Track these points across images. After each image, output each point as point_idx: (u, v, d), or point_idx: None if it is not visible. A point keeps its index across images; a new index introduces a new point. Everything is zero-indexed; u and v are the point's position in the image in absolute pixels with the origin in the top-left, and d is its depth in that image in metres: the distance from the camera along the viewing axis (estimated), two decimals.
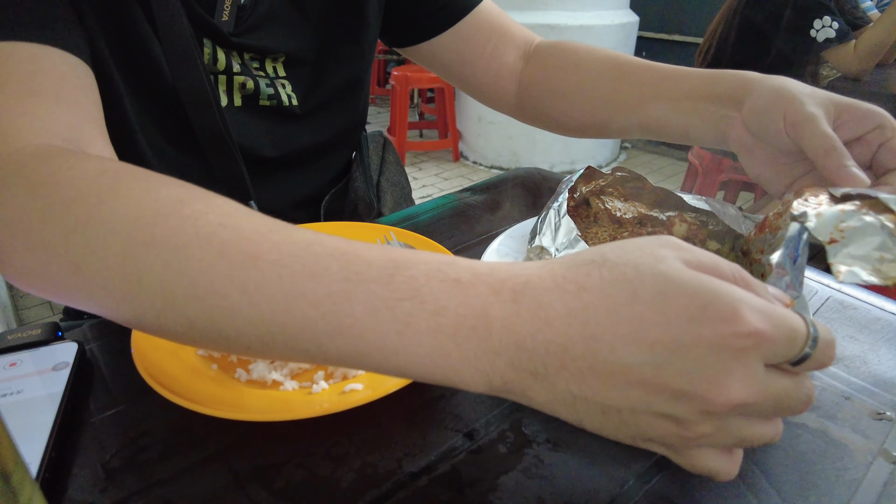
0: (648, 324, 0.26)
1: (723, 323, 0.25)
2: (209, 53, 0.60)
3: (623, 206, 0.61)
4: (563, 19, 3.07)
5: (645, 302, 0.26)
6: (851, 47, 1.78)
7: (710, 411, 0.26)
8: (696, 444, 0.28)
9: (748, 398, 0.25)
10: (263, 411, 0.40)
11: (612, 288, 0.27)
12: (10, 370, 0.44)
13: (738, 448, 0.29)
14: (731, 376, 0.25)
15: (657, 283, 0.26)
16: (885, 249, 0.41)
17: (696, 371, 0.25)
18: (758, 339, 0.25)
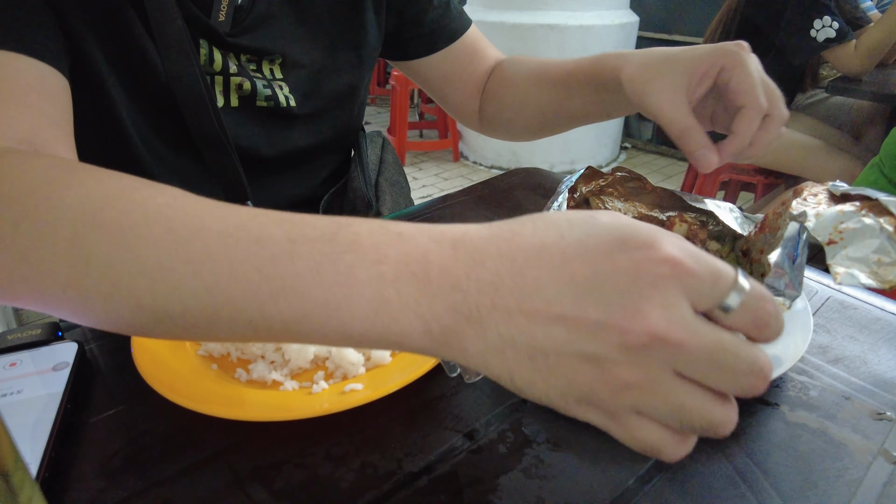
0: (571, 257, 0.26)
1: (639, 250, 0.25)
2: (205, 54, 0.60)
3: (623, 206, 0.61)
4: (563, 19, 3.07)
5: (570, 240, 0.27)
6: (852, 47, 1.78)
7: (629, 344, 0.25)
8: (626, 400, 0.26)
9: (669, 332, 0.24)
10: (263, 411, 0.40)
11: (543, 231, 0.28)
12: (11, 370, 0.44)
13: (685, 427, 0.27)
14: (648, 302, 0.25)
15: (584, 225, 0.27)
16: (883, 252, 0.41)
17: (613, 298, 0.25)
18: (675, 266, 0.25)
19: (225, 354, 0.47)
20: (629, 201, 0.62)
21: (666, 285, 0.25)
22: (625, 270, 0.25)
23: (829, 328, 0.52)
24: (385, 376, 0.43)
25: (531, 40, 3.11)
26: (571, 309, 0.26)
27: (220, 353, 0.47)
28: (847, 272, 0.40)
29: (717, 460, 0.38)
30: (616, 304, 0.25)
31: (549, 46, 3.11)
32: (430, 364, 0.43)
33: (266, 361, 0.45)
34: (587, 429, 0.40)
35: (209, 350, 0.47)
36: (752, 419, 0.41)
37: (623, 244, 0.26)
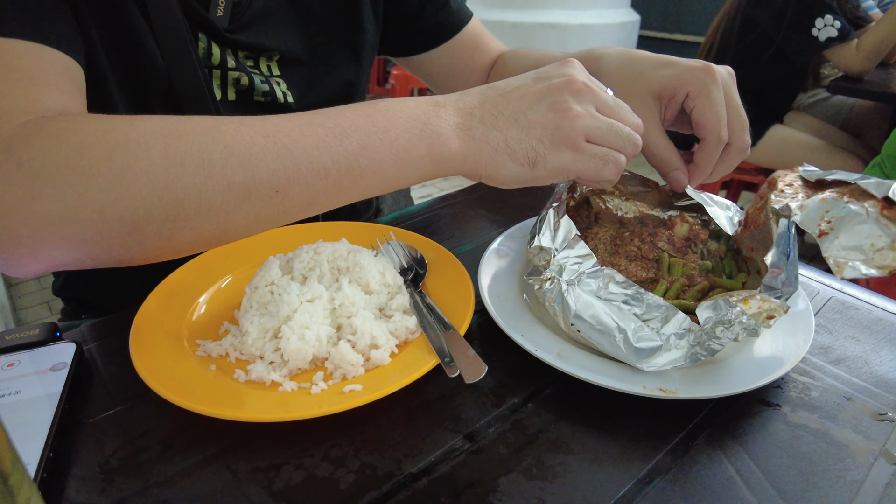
0: (530, 73, 0.47)
1: (566, 60, 0.48)
2: (203, 48, 0.60)
3: (625, 206, 0.61)
4: (564, 18, 3.07)
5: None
6: (853, 46, 1.77)
7: (572, 87, 0.44)
8: (580, 125, 0.43)
9: (591, 84, 0.46)
10: (262, 412, 0.40)
11: None
12: (9, 370, 0.43)
13: (619, 138, 0.45)
14: (573, 71, 0.46)
15: None
16: (875, 237, 0.41)
17: (556, 73, 0.46)
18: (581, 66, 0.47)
19: (224, 355, 0.46)
20: (630, 200, 0.62)
21: (579, 70, 0.47)
22: (559, 65, 0.47)
23: (830, 329, 0.52)
24: (384, 377, 0.43)
25: (532, 39, 3.10)
26: (532, 85, 0.45)
27: (218, 353, 0.46)
28: (848, 266, 0.41)
29: (718, 461, 0.38)
30: (558, 76, 0.45)
31: (550, 45, 3.10)
32: (429, 365, 0.43)
33: (265, 362, 0.45)
34: (588, 430, 0.40)
35: (208, 351, 0.47)
36: (753, 420, 0.41)
37: (553, 65, 0.47)
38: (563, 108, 0.43)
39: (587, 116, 0.43)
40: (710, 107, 0.51)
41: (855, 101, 2.09)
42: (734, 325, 0.40)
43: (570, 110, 0.43)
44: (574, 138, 0.43)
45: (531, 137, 0.43)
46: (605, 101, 0.45)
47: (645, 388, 0.41)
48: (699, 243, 0.55)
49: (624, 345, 0.41)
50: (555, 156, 0.43)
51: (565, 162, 0.44)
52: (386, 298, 0.51)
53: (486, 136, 0.43)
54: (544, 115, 0.43)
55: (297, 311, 0.46)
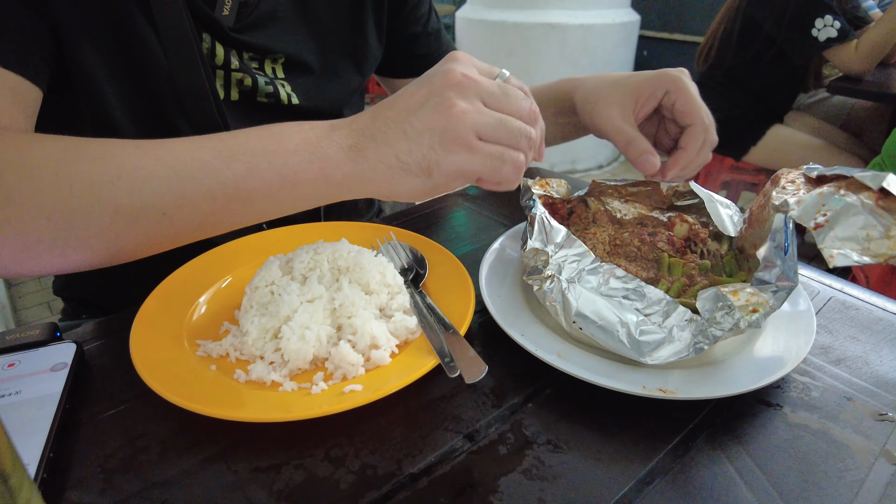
0: (413, 84, 0.45)
1: (447, 56, 0.45)
2: (207, 47, 0.60)
3: (623, 207, 0.61)
4: (564, 18, 3.07)
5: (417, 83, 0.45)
6: (853, 47, 1.77)
7: (451, 82, 0.42)
8: (468, 122, 0.41)
9: (471, 75, 0.42)
10: (262, 412, 0.40)
11: None
12: (9, 371, 0.43)
13: (511, 134, 0.43)
14: (452, 65, 0.43)
15: None
16: (870, 227, 0.41)
17: (436, 73, 0.43)
18: (465, 57, 0.45)
19: (224, 355, 0.46)
20: (629, 202, 0.62)
21: (462, 61, 0.44)
22: (439, 64, 0.45)
23: (831, 329, 0.52)
24: (384, 377, 0.43)
25: (532, 39, 3.10)
26: (415, 91, 0.43)
27: (218, 353, 0.46)
28: (840, 253, 0.41)
29: (718, 461, 0.38)
30: (437, 74, 0.43)
31: (550, 45, 3.10)
32: (429, 365, 0.43)
33: (265, 362, 0.45)
34: (588, 430, 0.40)
35: (208, 351, 0.47)
36: (753, 420, 0.41)
37: (438, 63, 0.45)
38: (447, 107, 0.41)
39: (473, 112, 0.41)
40: (691, 97, 0.58)
41: (855, 101, 2.09)
42: (734, 310, 0.40)
43: (454, 107, 0.41)
44: (464, 137, 0.41)
45: (421, 146, 0.41)
46: (491, 91, 0.42)
47: (645, 388, 0.41)
48: (699, 243, 0.55)
49: (627, 339, 0.41)
50: (449, 159, 0.41)
51: (460, 164, 0.42)
52: (386, 298, 0.51)
53: (378, 154, 0.41)
54: (429, 118, 0.41)
55: (298, 311, 0.46)
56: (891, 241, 0.40)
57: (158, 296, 0.52)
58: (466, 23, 3.30)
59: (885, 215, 0.41)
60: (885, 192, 0.42)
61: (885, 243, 0.40)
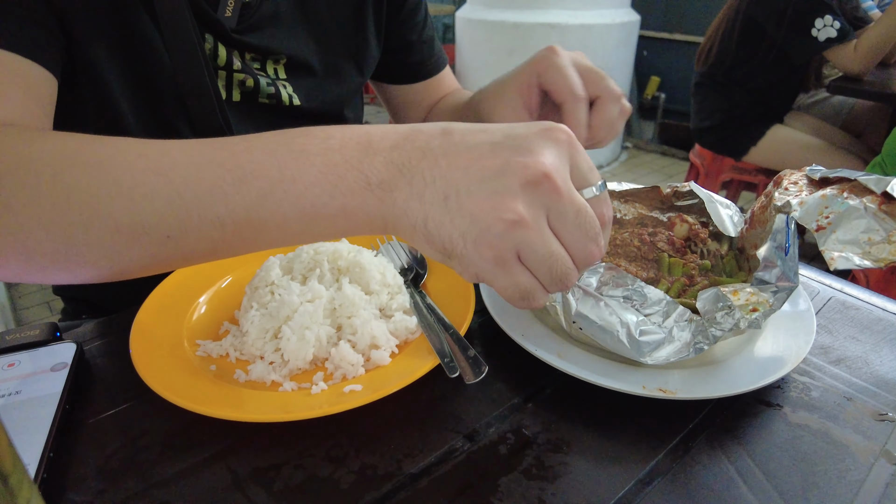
0: (495, 125, 0.35)
1: (549, 124, 0.34)
2: (210, 48, 0.60)
3: (623, 207, 0.61)
4: (565, 18, 3.06)
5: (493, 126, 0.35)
6: (853, 47, 1.77)
7: (528, 178, 0.32)
8: (515, 237, 0.32)
9: (555, 176, 0.32)
10: (262, 412, 0.40)
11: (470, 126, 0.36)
12: (9, 371, 0.43)
13: (552, 274, 0.34)
14: (547, 150, 0.33)
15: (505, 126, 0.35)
16: (872, 231, 0.41)
17: (522, 145, 0.33)
18: (570, 139, 0.34)
19: (224, 355, 0.46)
20: (629, 202, 0.62)
21: (560, 146, 0.33)
22: (535, 131, 0.33)
23: (830, 329, 0.52)
24: (384, 377, 0.43)
25: (532, 39, 3.10)
26: (487, 155, 0.33)
27: (218, 353, 0.46)
28: (841, 256, 0.41)
29: (718, 461, 0.38)
30: (523, 148, 0.32)
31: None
32: (429, 365, 0.43)
33: (265, 362, 0.45)
34: (588, 430, 0.40)
35: (208, 351, 0.47)
36: (753, 420, 0.41)
37: (537, 123, 0.34)
38: (504, 206, 0.32)
39: (530, 228, 0.32)
40: (557, 71, 0.53)
41: (855, 102, 2.09)
42: (734, 310, 0.40)
43: (511, 210, 0.32)
44: (502, 251, 0.33)
45: (454, 227, 0.33)
46: (565, 210, 0.33)
47: (645, 388, 0.41)
48: (699, 243, 0.55)
49: (627, 339, 0.41)
50: (474, 259, 0.33)
51: (483, 271, 0.34)
52: (386, 298, 0.51)
53: (407, 206, 0.33)
54: (481, 203, 0.32)
55: (298, 311, 0.46)
56: (892, 245, 0.40)
57: (158, 296, 0.52)
58: (466, 23, 3.30)
59: (887, 220, 0.41)
60: (889, 196, 0.42)
61: (886, 248, 0.40)
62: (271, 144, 0.35)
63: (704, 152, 2.16)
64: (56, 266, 0.36)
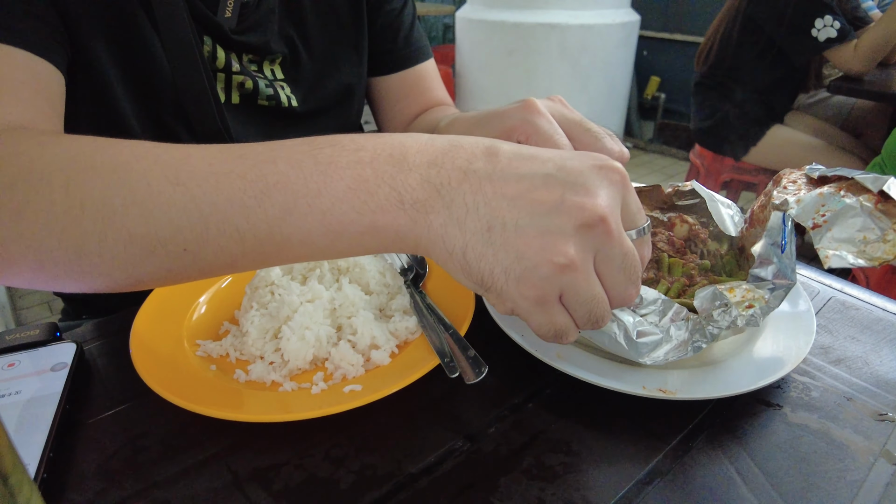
0: (544, 151, 0.33)
1: (602, 158, 0.33)
2: (209, 51, 0.60)
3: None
4: (564, 18, 3.06)
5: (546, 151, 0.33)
6: (853, 47, 1.77)
7: (583, 220, 0.30)
8: (562, 280, 0.31)
9: (610, 219, 0.31)
10: (262, 412, 0.40)
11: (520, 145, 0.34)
12: (9, 370, 0.44)
13: (591, 316, 0.33)
14: (603, 190, 0.31)
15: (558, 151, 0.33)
16: (867, 230, 0.41)
17: (578, 182, 0.31)
18: (623, 178, 0.33)
19: (224, 355, 0.46)
20: None
21: (615, 186, 0.32)
22: (590, 166, 0.32)
23: (830, 329, 0.52)
24: (384, 377, 0.43)
25: (532, 39, 3.10)
26: (541, 185, 0.31)
27: (218, 353, 0.46)
28: (836, 254, 0.41)
29: (718, 461, 0.38)
30: (579, 186, 0.31)
31: (550, 46, 3.10)
32: (429, 365, 0.43)
33: (265, 362, 0.45)
34: (588, 430, 0.40)
35: (208, 351, 0.47)
36: (753, 420, 0.41)
37: (588, 153, 0.33)
38: (558, 247, 0.30)
39: (578, 272, 0.31)
40: (538, 138, 0.46)
41: (855, 102, 2.09)
42: (731, 307, 0.40)
43: (562, 253, 0.30)
44: (545, 291, 0.31)
45: (497, 262, 0.31)
46: (614, 254, 0.32)
47: (645, 388, 0.41)
48: (699, 243, 0.55)
49: (625, 340, 0.41)
50: (513, 295, 0.32)
51: (520, 308, 0.32)
52: (386, 299, 0.51)
53: (445, 231, 0.31)
54: (531, 241, 0.30)
55: (298, 311, 0.46)
56: (887, 244, 0.40)
57: (159, 296, 0.52)
58: (466, 23, 3.30)
59: (883, 218, 0.41)
60: (885, 195, 0.42)
61: (881, 247, 0.40)
62: (297, 155, 0.32)
63: (704, 152, 2.16)
64: (69, 275, 0.34)
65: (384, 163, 0.31)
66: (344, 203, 0.31)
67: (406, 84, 0.80)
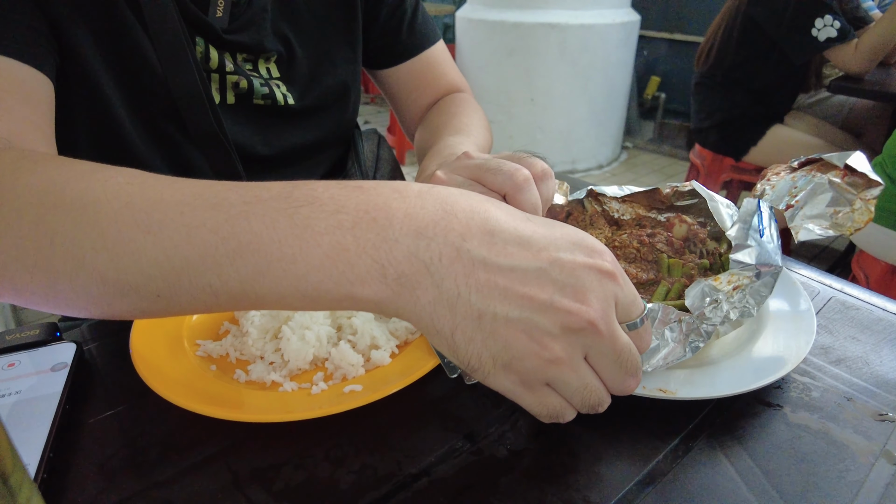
0: (539, 236, 0.31)
1: (593, 252, 0.32)
2: (201, 52, 0.60)
3: (621, 208, 0.61)
4: (565, 18, 3.06)
5: (538, 222, 0.32)
6: (853, 47, 1.77)
7: (570, 325, 0.30)
8: (549, 373, 0.31)
9: (599, 323, 0.30)
10: (262, 412, 0.40)
11: None
12: (9, 371, 0.44)
13: (583, 402, 0.32)
14: (593, 294, 0.30)
15: (549, 223, 0.33)
16: (837, 204, 0.42)
17: (569, 283, 0.30)
18: (617, 275, 0.32)
19: (224, 355, 0.46)
20: (626, 202, 0.62)
21: (607, 286, 0.31)
22: (581, 263, 0.31)
23: (831, 329, 0.52)
24: (385, 377, 0.43)
25: (532, 39, 3.10)
26: (531, 283, 0.30)
27: (218, 353, 0.47)
28: (804, 228, 0.42)
29: (718, 461, 0.38)
30: (569, 288, 0.30)
31: (550, 45, 3.10)
32: (429, 365, 0.43)
33: (265, 362, 0.45)
34: (588, 430, 0.40)
35: (208, 351, 0.47)
36: (753, 420, 0.41)
37: (582, 242, 0.32)
38: (542, 343, 0.30)
39: (565, 366, 0.31)
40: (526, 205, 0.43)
41: (855, 100, 2.09)
42: (721, 302, 0.40)
43: (549, 349, 0.30)
44: (533, 379, 0.31)
45: (485, 348, 0.30)
46: (606, 352, 0.31)
47: (645, 388, 0.41)
48: (698, 243, 0.55)
49: None
50: (499, 379, 0.31)
51: (506, 389, 0.32)
52: None
53: (434, 310, 0.30)
54: (517, 335, 0.30)
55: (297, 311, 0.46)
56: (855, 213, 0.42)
57: None
58: (466, 23, 3.30)
59: (850, 190, 0.42)
60: (851, 168, 0.43)
61: (850, 216, 0.42)
62: (272, 213, 0.30)
63: (704, 152, 2.16)
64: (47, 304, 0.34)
65: (366, 229, 0.29)
66: (320, 272, 0.29)
67: (415, 73, 0.80)
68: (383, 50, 0.78)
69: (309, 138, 0.73)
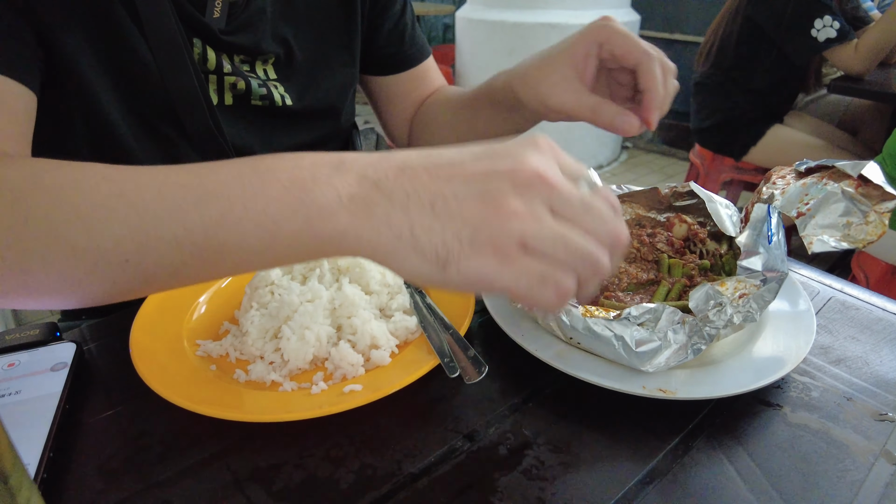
0: (474, 145, 0.34)
1: (525, 137, 0.34)
2: (198, 53, 0.59)
3: (620, 207, 0.61)
4: (564, 18, 3.06)
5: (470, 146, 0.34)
6: (853, 47, 1.77)
7: (517, 179, 0.31)
8: (514, 227, 0.31)
9: (548, 174, 0.31)
10: (262, 412, 0.40)
11: None
12: (9, 371, 0.43)
13: (570, 259, 0.32)
14: (532, 155, 0.32)
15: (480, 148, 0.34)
16: (850, 214, 0.42)
17: (504, 155, 0.32)
18: (553, 145, 0.34)
19: (224, 355, 0.46)
20: (626, 202, 0.62)
21: (544, 151, 0.33)
22: (515, 143, 0.33)
23: (830, 329, 0.52)
24: (384, 377, 0.43)
25: (532, 39, 3.10)
26: (470, 166, 0.32)
27: (218, 353, 0.46)
28: (819, 238, 0.42)
29: (718, 461, 0.38)
30: (506, 158, 0.32)
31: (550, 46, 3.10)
32: (429, 365, 0.43)
33: (265, 362, 0.45)
34: (588, 430, 0.40)
35: (208, 351, 0.47)
36: (753, 420, 0.41)
37: (513, 139, 0.34)
38: (496, 202, 0.31)
39: (526, 216, 0.31)
40: (625, 37, 0.53)
41: (851, 99, 2.09)
42: (726, 306, 0.40)
43: (504, 205, 0.31)
44: (503, 243, 0.31)
45: (445, 230, 0.31)
46: (566, 199, 0.32)
47: (645, 388, 0.41)
48: (698, 243, 0.55)
49: (624, 351, 0.41)
50: (472, 262, 0.31)
51: (485, 272, 0.31)
52: (386, 298, 0.51)
53: (389, 217, 0.31)
54: (471, 205, 0.31)
55: (298, 311, 0.46)
56: (869, 226, 0.41)
57: (158, 296, 0.52)
58: (466, 23, 3.30)
59: (864, 202, 0.42)
60: (865, 179, 0.43)
61: (864, 229, 0.41)
62: (239, 165, 0.34)
63: (704, 152, 2.16)
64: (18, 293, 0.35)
65: (321, 168, 0.33)
66: (279, 202, 0.32)
67: (413, 80, 0.83)
68: (388, 58, 0.80)
69: (307, 139, 0.73)
